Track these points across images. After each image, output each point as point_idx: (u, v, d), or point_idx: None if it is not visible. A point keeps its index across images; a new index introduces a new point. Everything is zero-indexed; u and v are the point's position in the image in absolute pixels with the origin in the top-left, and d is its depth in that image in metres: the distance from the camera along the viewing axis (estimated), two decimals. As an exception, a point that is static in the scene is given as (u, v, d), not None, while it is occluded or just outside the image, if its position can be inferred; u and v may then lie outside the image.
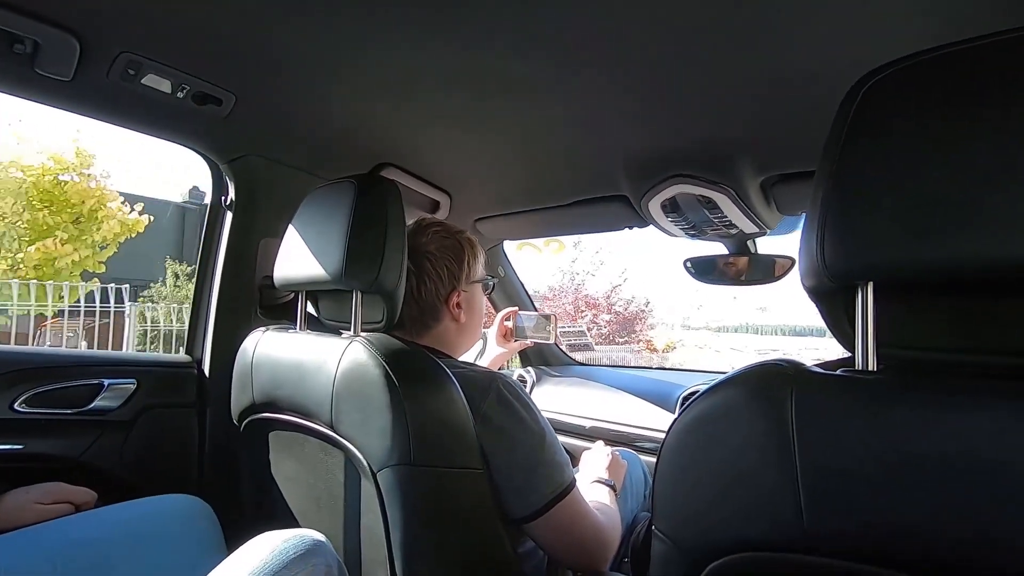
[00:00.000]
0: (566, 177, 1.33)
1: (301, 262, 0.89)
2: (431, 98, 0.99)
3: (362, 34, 0.80)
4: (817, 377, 0.43)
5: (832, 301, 0.45)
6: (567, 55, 0.82)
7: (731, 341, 16.23)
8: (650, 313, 10.15)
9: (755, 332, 18.40)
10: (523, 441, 0.80)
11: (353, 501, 0.81)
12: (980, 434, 0.35)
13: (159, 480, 1.11)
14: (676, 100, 0.93)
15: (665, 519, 0.48)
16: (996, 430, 0.35)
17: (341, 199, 0.84)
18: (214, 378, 1.20)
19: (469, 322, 0.97)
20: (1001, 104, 0.36)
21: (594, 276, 9.51)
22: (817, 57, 0.76)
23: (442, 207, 1.50)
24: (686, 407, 0.49)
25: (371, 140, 1.20)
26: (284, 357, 0.89)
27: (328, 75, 0.93)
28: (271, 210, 1.22)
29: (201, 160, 1.19)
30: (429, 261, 0.91)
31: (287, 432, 0.91)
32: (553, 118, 1.04)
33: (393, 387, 0.72)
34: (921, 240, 0.38)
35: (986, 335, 0.41)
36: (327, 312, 0.98)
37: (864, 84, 0.43)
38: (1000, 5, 0.63)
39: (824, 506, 0.39)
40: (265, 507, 0.98)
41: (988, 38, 0.38)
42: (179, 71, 0.89)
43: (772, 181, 1.15)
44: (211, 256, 1.24)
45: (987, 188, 0.36)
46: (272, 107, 1.04)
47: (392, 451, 0.71)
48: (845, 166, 0.42)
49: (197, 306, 1.25)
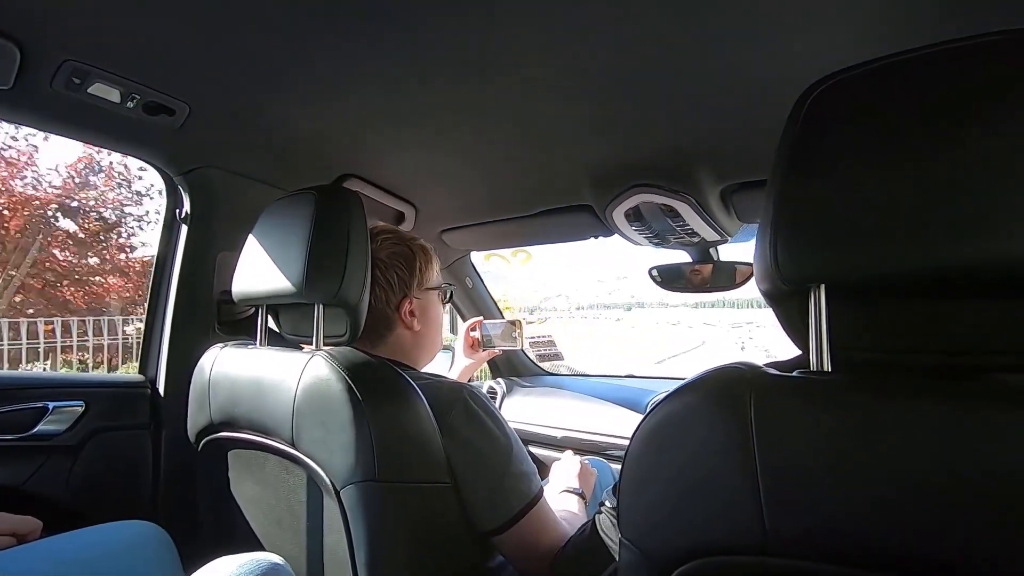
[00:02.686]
0: (530, 188, 1.34)
1: (261, 276, 0.87)
2: (394, 110, 0.98)
3: (320, 45, 0.79)
4: (774, 379, 0.43)
5: (786, 304, 0.46)
6: (526, 68, 0.83)
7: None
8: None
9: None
10: (490, 453, 0.79)
11: (315, 521, 0.78)
12: (928, 432, 0.36)
13: (110, 507, 1.05)
14: (635, 111, 0.94)
15: (630, 527, 0.48)
16: (943, 428, 0.36)
17: (302, 210, 0.83)
18: (169, 397, 1.15)
19: (425, 330, 0.95)
20: (946, 112, 0.38)
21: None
22: (771, 67, 0.78)
23: (407, 219, 1.49)
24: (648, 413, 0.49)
25: (333, 151, 1.18)
26: (243, 374, 0.86)
27: (286, 86, 0.91)
28: (229, 223, 1.18)
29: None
30: (379, 269, 0.89)
31: (247, 451, 0.88)
32: (515, 130, 1.04)
33: (356, 401, 0.70)
34: (869, 244, 0.39)
35: (934, 336, 0.43)
36: (288, 326, 0.96)
37: (811, 93, 0.44)
38: (949, 15, 0.66)
39: (784, 507, 0.40)
40: (224, 530, 0.94)
41: (936, 47, 0.39)
42: (128, 80, 0.86)
43: (731, 189, 1.18)
44: (165, 271, 1.20)
45: (933, 194, 0.37)
46: (228, 117, 1.01)
47: (356, 467, 0.70)
48: (795, 173, 0.43)
49: (151, 323, 1.20)
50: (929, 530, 0.36)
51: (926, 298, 0.42)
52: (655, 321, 13.13)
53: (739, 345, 24.91)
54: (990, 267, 0.36)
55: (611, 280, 47.83)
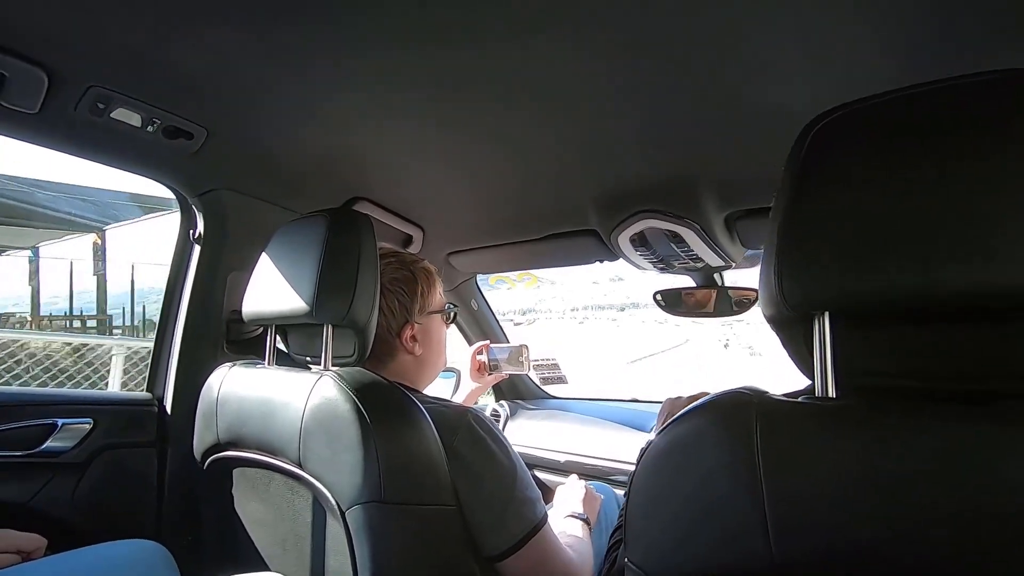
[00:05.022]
0: (537, 212, 1.36)
1: (271, 296, 0.88)
2: (404, 134, 1.01)
3: (333, 72, 0.82)
4: (781, 405, 0.44)
5: (791, 331, 0.47)
6: (535, 95, 0.85)
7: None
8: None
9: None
10: (494, 478, 0.79)
11: (319, 542, 0.78)
12: (936, 458, 0.37)
13: (115, 525, 1.05)
14: (640, 137, 0.96)
15: (637, 551, 0.48)
16: (951, 454, 0.37)
17: (313, 232, 0.84)
18: (176, 416, 1.16)
19: (427, 354, 0.95)
20: (946, 144, 0.39)
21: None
22: (777, 97, 0.80)
23: (415, 241, 1.51)
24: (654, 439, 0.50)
25: (344, 175, 1.21)
26: (251, 393, 0.87)
27: (301, 111, 0.94)
28: (241, 243, 1.20)
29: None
30: (381, 294, 0.89)
31: (252, 470, 0.88)
32: (524, 155, 1.06)
33: (364, 422, 0.71)
34: (873, 271, 0.40)
35: (940, 362, 0.43)
36: (297, 347, 0.97)
37: (816, 124, 0.45)
38: (952, 52, 0.68)
39: (792, 533, 0.40)
40: (228, 550, 0.94)
41: (936, 84, 0.41)
42: (150, 105, 0.89)
43: (736, 216, 1.19)
44: (176, 290, 1.21)
45: (935, 221, 0.38)
46: (244, 141, 1.04)
47: (362, 488, 0.70)
48: (799, 202, 0.44)
49: (160, 341, 1.22)
50: (938, 557, 0.36)
51: (930, 324, 0.43)
52: (641, 320, 12.97)
53: (723, 343, 24.65)
54: (992, 293, 0.37)
55: (605, 282, 47.74)
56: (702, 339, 22.33)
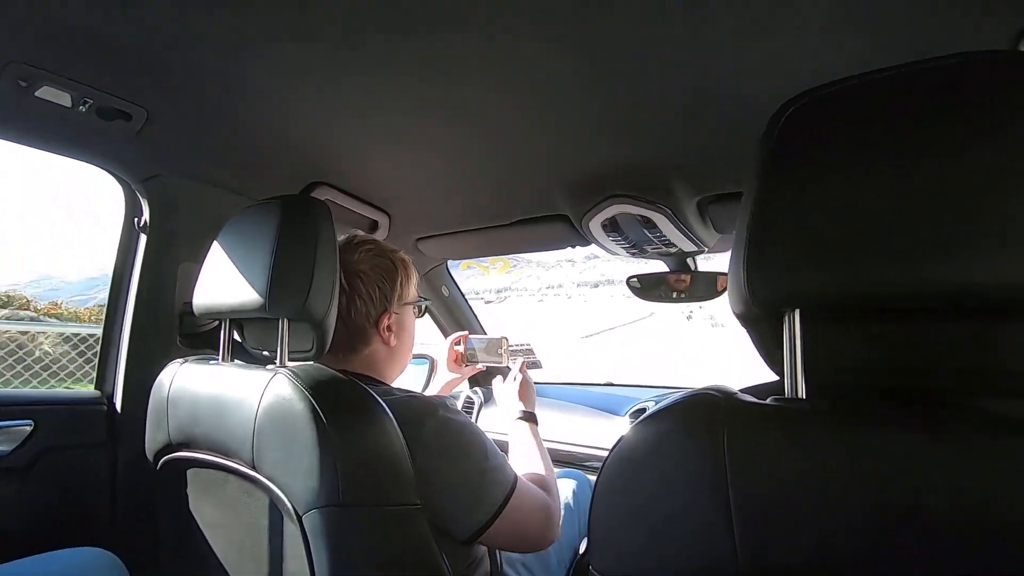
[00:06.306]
0: (507, 197, 1.32)
1: (223, 288, 0.83)
2: (366, 117, 0.95)
3: (284, 49, 0.76)
4: (748, 407, 0.42)
5: (760, 328, 0.45)
6: (503, 80, 0.81)
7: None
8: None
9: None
10: (467, 467, 0.78)
11: (277, 546, 0.75)
12: (903, 460, 0.36)
13: (65, 532, 1.00)
14: (608, 122, 0.93)
15: (601, 558, 0.46)
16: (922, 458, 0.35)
17: (266, 221, 0.79)
18: (127, 414, 1.10)
19: (400, 345, 0.94)
20: (916, 133, 0.37)
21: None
22: (746, 81, 0.78)
23: (381, 227, 1.46)
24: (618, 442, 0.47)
25: (303, 158, 1.15)
26: (203, 391, 0.82)
27: (252, 93, 0.88)
28: (192, 232, 1.14)
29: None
30: (361, 281, 0.88)
31: (207, 472, 0.84)
32: (491, 139, 1.02)
33: (320, 422, 0.67)
34: (843, 268, 0.38)
35: (912, 360, 0.42)
36: (253, 341, 0.92)
37: (786, 110, 0.43)
38: (924, 34, 0.66)
39: (757, 539, 0.39)
40: (183, 556, 0.90)
41: (910, 66, 0.39)
42: (80, 83, 0.82)
43: (708, 201, 1.17)
44: (124, 281, 1.15)
45: (905, 215, 0.36)
46: (189, 123, 0.97)
47: (319, 492, 0.66)
48: (767, 195, 0.42)
49: (108, 336, 1.15)
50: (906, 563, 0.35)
51: (901, 322, 0.41)
52: (609, 295, 13.17)
53: (686, 315, 25.25)
54: (963, 290, 0.35)
55: (580, 260, 48.31)
56: (666, 312, 22.74)
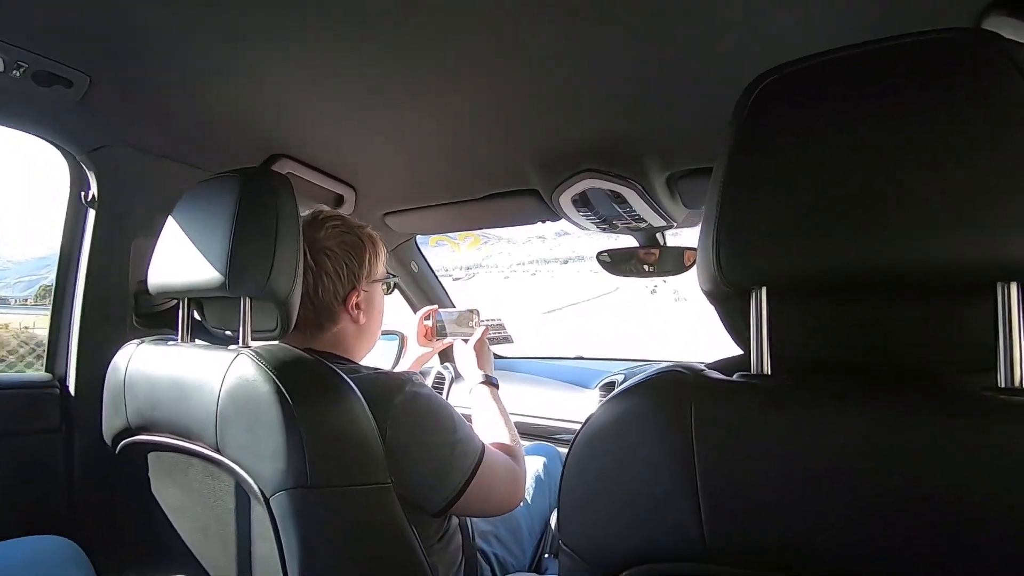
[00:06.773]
0: (476, 171, 1.30)
1: (180, 266, 0.79)
2: (324, 84, 0.91)
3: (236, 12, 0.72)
4: (715, 384, 0.42)
5: (728, 305, 0.45)
6: (467, 43, 0.78)
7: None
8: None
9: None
10: (436, 441, 0.78)
11: (244, 529, 0.74)
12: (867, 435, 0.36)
13: (21, 520, 0.96)
14: (579, 96, 0.91)
15: (570, 534, 0.46)
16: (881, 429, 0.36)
17: (224, 195, 0.76)
18: (81, 398, 1.06)
19: (369, 323, 0.93)
20: (893, 109, 0.37)
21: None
22: (716, 55, 0.77)
23: (347, 201, 1.41)
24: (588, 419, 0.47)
25: (262, 130, 1.10)
26: (161, 373, 0.79)
27: (206, 58, 0.82)
28: (144, 207, 1.08)
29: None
30: (328, 258, 0.86)
31: (169, 455, 0.82)
32: (459, 112, 0.99)
33: (285, 403, 0.65)
34: (811, 246, 0.38)
35: (878, 337, 0.42)
36: (214, 320, 0.89)
37: (757, 85, 0.42)
38: (893, 11, 0.65)
39: (724, 516, 0.39)
40: (146, 542, 0.88)
41: (884, 42, 0.38)
42: (11, 46, 0.76)
43: (677, 176, 1.17)
44: (72, 259, 1.09)
45: (875, 195, 0.36)
46: (137, 91, 0.91)
47: (286, 474, 0.65)
48: (737, 172, 0.41)
49: (58, 317, 1.09)
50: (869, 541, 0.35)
51: (868, 299, 0.42)
52: (576, 270, 13.30)
53: (650, 289, 25.76)
54: (926, 269, 0.35)
55: (551, 237, 48.58)
56: (631, 287, 23.03)
